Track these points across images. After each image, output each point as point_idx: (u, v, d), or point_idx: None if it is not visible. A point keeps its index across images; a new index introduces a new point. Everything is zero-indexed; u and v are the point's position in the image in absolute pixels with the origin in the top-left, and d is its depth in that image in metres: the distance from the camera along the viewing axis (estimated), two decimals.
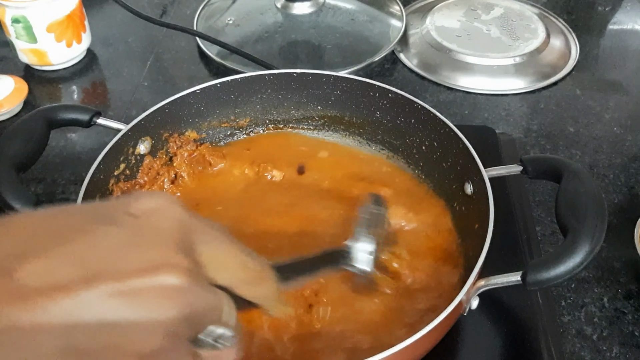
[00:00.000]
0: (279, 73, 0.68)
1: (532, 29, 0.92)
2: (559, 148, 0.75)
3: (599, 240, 0.47)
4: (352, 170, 0.67)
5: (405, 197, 0.63)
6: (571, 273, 0.47)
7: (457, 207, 0.61)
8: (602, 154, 0.74)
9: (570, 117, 0.80)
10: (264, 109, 0.70)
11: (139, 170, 0.63)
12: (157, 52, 0.90)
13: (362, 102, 0.67)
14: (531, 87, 0.85)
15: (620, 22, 0.98)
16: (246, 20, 0.95)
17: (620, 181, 0.71)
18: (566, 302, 0.59)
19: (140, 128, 0.62)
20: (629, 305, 0.59)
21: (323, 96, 0.69)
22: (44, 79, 0.85)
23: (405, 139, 0.66)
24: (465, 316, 0.51)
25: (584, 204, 0.50)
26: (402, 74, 0.87)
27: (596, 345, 0.56)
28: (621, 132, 0.77)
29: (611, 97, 0.83)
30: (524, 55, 0.87)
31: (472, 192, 0.58)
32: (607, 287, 0.60)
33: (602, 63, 0.90)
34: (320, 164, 0.68)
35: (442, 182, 0.63)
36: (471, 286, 0.48)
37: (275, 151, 0.69)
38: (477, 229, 0.55)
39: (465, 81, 0.85)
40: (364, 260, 0.49)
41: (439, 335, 0.49)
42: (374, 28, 0.94)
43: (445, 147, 0.62)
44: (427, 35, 0.91)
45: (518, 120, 0.79)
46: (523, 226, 0.64)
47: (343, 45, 0.90)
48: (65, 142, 0.76)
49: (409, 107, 0.64)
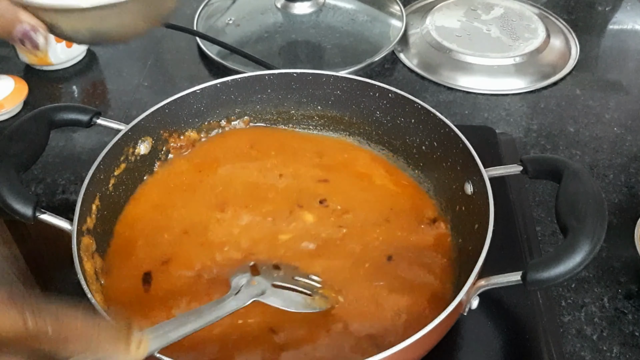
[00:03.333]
0: (279, 73, 0.68)
1: (532, 29, 0.92)
2: (559, 148, 0.75)
3: (599, 240, 0.47)
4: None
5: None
6: (571, 273, 0.46)
7: (457, 207, 0.61)
8: (602, 154, 0.74)
9: (571, 117, 0.80)
10: (264, 109, 0.70)
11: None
12: (157, 52, 0.91)
13: (362, 102, 0.67)
14: (531, 87, 0.85)
15: (620, 22, 0.98)
16: (246, 20, 0.95)
17: (620, 181, 0.71)
18: (566, 302, 0.59)
19: (140, 128, 0.62)
20: (629, 305, 0.59)
21: (323, 96, 0.69)
22: (44, 79, 0.85)
23: (405, 139, 0.66)
24: (465, 316, 0.51)
25: (584, 203, 0.49)
26: (402, 74, 0.87)
27: (596, 345, 0.56)
28: (621, 132, 0.77)
29: (611, 97, 0.83)
30: (524, 55, 0.87)
31: (472, 192, 0.58)
32: (607, 287, 0.60)
33: (602, 63, 0.90)
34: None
35: (442, 182, 0.63)
36: (471, 286, 0.48)
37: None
38: (477, 229, 0.55)
39: (465, 81, 0.85)
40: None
41: (439, 335, 0.49)
42: (374, 28, 0.94)
43: (445, 147, 0.62)
44: (427, 35, 0.91)
45: (518, 120, 0.79)
46: (523, 226, 0.64)
47: (343, 45, 0.90)
48: (65, 142, 0.76)
49: (409, 107, 0.64)
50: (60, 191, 0.70)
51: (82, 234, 0.54)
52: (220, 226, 0.60)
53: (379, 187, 0.65)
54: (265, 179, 0.65)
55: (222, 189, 0.64)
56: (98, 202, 0.57)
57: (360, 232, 0.60)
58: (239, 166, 0.66)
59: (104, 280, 0.55)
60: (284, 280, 0.54)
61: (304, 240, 0.59)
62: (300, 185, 0.64)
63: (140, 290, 0.55)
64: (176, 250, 0.58)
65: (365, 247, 0.59)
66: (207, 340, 0.51)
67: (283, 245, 0.59)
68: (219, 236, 0.59)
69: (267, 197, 0.63)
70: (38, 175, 0.71)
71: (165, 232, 0.60)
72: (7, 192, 0.53)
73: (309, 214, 0.62)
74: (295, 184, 0.64)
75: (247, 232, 0.60)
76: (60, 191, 0.70)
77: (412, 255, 0.58)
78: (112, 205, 0.60)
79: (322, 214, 0.62)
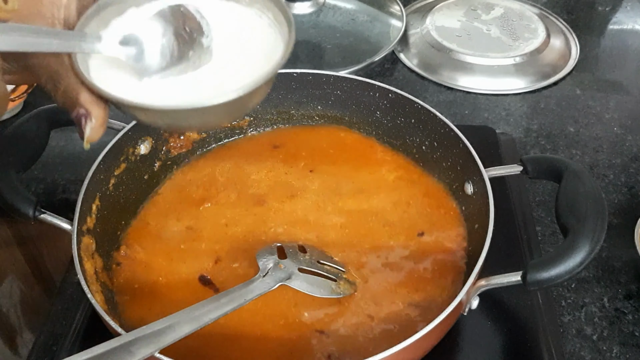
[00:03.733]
0: (279, 73, 0.68)
1: (532, 29, 0.92)
2: (559, 148, 0.75)
3: (599, 240, 0.47)
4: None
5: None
6: (571, 273, 0.47)
7: (457, 207, 0.61)
8: (602, 154, 0.74)
9: (570, 117, 0.80)
10: (264, 109, 0.70)
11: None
12: None
13: (362, 102, 0.67)
14: (531, 87, 0.85)
15: (620, 22, 0.98)
16: None
17: (620, 181, 0.71)
18: (566, 302, 0.59)
19: (140, 128, 0.62)
20: (629, 305, 0.59)
21: (323, 96, 0.69)
22: None
23: (405, 138, 0.66)
24: (465, 316, 0.51)
25: (584, 204, 0.50)
26: (402, 74, 0.87)
27: (596, 345, 0.56)
28: (621, 132, 0.77)
29: (611, 97, 0.83)
30: (524, 55, 0.87)
31: (472, 192, 0.58)
32: (607, 287, 0.60)
33: (602, 63, 0.90)
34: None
35: (442, 182, 0.63)
36: (471, 286, 0.48)
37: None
38: (477, 229, 0.55)
39: (465, 81, 0.85)
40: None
41: (439, 335, 0.49)
42: (374, 28, 0.94)
43: (445, 147, 0.62)
44: (427, 35, 0.91)
45: (518, 120, 0.79)
46: (523, 226, 0.64)
47: (343, 45, 0.90)
48: (65, 142, 0.76)
49: (409, 107, 0.64)
50: (60, 191, 0.70)
51: (82, 234, 0.54)
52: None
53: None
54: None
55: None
56: (98, 202, 0.57)
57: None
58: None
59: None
60: (310, 264, 0.55)
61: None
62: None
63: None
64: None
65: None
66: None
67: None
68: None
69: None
70: (38, 175, 0.71)
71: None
72: (7, 192, 0.53)
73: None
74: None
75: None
76: (60, 191, 0.70)
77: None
78: (113, 205, 0.60)
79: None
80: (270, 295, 0.51)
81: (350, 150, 0.68)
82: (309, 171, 0.66)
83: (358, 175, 0.65)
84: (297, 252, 0.56)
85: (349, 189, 0.64)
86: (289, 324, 0.53)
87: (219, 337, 0.52)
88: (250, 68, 0.40)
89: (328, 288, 0.54)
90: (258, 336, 0.52)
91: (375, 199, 0.63)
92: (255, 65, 0.40)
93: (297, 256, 0.55)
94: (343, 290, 0.54)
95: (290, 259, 0.54)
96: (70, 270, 0.61)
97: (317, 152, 0.68)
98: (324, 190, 0.64)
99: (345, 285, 0.54)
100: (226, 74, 0.40)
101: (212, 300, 0.46)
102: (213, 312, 0.45)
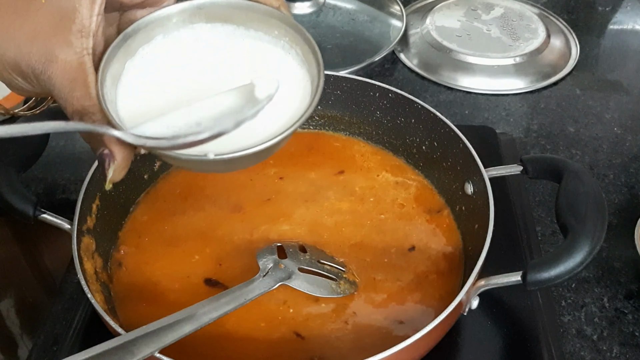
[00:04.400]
0: None
1: (532, 29, 0.92)
2: (559, 148, 0.75)
3: (599, 240, 0.47)
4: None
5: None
6: (571, 273, 0.47)
7: (457, 207, 0.61)
8: (602, 154, 0.74)
9: (571, 117, 0.80)
10: None
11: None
12: None
13: (362, 102, 0.67)
14: (531, 87, 0.85)
15: (620, 22, 0.98)
16: None
17: (620, 181, 0.71)
18: (566, 302, 0.59)
19: None
20: (629, 305, 0.59)
21: (323, 96, 0.67)
22: None
23: (405, 139, 0.66)
24: (465, 316, 0.51)
25: (584, 204, 0.50)
26: (402, 74, 0.87)
27: (596, 345, 0.56)
28: (621, 132, 0.77)
29: (611, 97, 0.83)
30: (524, 55, 0.87)
31: (473, 192, 0.58)
32: (607, 287, 0.60)
33: (602, 63, 0.90)
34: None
35: (442, 182, 0.63)
36: (471, 286, 0.48)
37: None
38: (477, 229, 0.55)
39: (465, 81, 0.85)
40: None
41: (439, 335, 0.49)
42: (374, 28, 0.94)
43: (445, 147, 0.62)
44: (427, 35, 0.91)
45: (518, 120, 0.79)
46: (523, 226, 0.64)
47: (343, 45, 0.90)
48: (65, 142, 0.76)
49: (409, 107, 0.64)
50: (60, 191, 0.70)
51: (82, 234, 0.54)
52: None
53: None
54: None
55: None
56: (98, 201, 0.57)
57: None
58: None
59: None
60: (310, 263, 0.55)
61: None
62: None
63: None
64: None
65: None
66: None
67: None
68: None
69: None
70: (38, 175, 0.71)
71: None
72: (7, 192, 0.53)
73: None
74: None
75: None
76: (60, 191, 0.70)
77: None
78: (113, 205, 0.60)
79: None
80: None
81: (340, 151, 0.68)
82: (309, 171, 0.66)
83: (353, 178, 0.65)
84: (297, 252, 0.56)
85: (344, 191, 0.64)
86: (273, 326, 0.53)
87: (218, 336, 0.52)
88: (281, 112, 0.40)
89: (328, 288, 0.54)
90: (244, 336, 0.52)
91: (369, 202, 0.63)
92: (287, 109, 0.40)
93: (297, 256, 0.55)
94: (343, 289, 0.54)
95: (290, 259, 0.54)
96: (70, 270, 0.61)
97: (313, 152, 0.68)
98: (316, 191, 0.64)
99: (345, 285, 0.54)
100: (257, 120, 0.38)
101: (212, 300, 0.46)
102: (213, 312, 0.45)
